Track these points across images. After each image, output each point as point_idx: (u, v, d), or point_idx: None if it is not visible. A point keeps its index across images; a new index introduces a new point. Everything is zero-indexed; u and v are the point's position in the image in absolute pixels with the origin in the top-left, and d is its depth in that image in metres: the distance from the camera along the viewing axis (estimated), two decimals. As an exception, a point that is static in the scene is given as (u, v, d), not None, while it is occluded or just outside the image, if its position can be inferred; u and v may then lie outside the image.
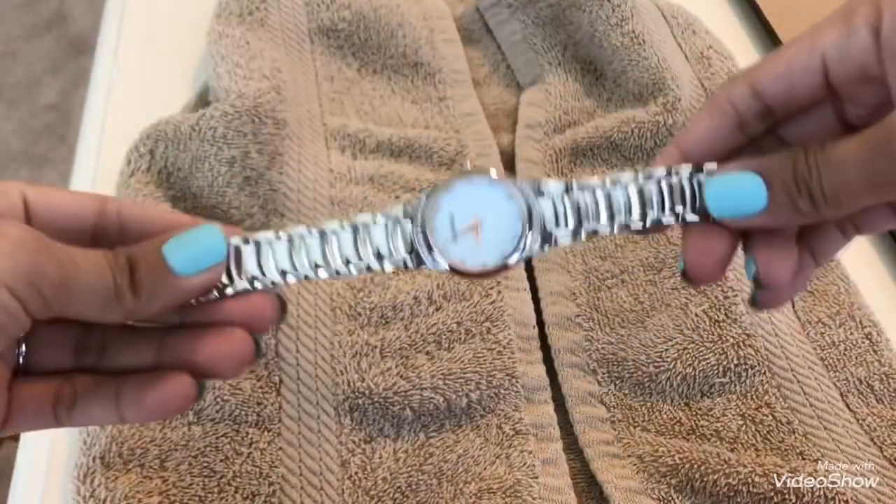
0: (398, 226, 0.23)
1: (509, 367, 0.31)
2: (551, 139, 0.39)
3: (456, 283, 0.33)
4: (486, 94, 0.43)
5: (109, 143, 0.40)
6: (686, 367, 0.32)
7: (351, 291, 0.33)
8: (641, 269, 0.35)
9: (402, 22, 0.42)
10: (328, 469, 0.29)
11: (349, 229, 0.23)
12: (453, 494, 0.29)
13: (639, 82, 0.39)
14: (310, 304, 0.33)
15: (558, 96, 0.40)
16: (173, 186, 0.35)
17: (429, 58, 0.41)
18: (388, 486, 0.29)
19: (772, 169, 0.21)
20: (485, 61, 0.44)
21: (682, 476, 0.29)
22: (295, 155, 0.37)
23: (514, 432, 0.30)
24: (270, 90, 0.36)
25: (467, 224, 0.22)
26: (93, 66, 0.44)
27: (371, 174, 0.37)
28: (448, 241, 0.22)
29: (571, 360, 0.32)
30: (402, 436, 0.30)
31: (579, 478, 0.31)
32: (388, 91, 0.41)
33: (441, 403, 0.30)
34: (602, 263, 0.35)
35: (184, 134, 0.35)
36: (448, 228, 0.22)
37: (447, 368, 0.31)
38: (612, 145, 0.38)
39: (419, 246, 0.22)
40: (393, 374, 0.30)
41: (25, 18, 1.49)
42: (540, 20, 0.43)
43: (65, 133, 1.34)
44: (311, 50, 0.41)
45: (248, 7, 0.40)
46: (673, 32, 0.42)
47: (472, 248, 0.22)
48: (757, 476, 0.29)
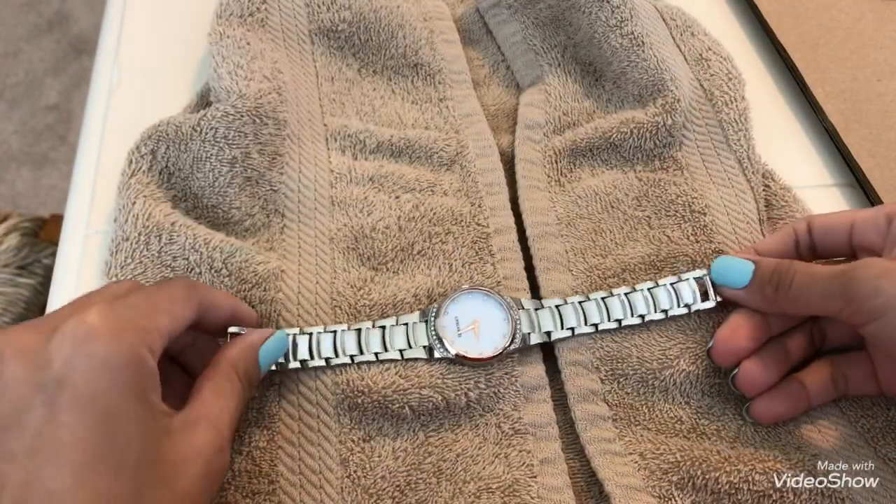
0: (416, 327, 0.31)
1: (508, 365, 0.31)
2: (551, 140, 0.39)
3: (456, 282, 0.33)
4: (486, 94, 0.43)
5: (110, 143, 0.40)
6: (688, 366, 0.32)
7: (351, 290, 0.33)
8: (643, 266, 0.35)
9: (402, 23, 0.42)
10: (327, 468, 0.29)
11: (378, 329, 0.31)
12: (452, 493, 0.29)
13: (638, 83, 0.39)
14: (310, 302, 0.33)
15: (558, 97, 0.40)
16: (174, 187, 0.35)
17: (429, 58, 0.42)
18: (388, 484, 0.29)
19: (763, 262, 0.31)
20: (485, 62, 0.44)
21: (684, 473, 0.29)
22: (295, 156, 0.37)
23: (513, 431, 0.30)
24: (271, 91, 0.36)
25: (468, 324, 0.31)
26: (94, 67, 0.44)
27: (371, 175, 0.37)
28: (454, 337, 0.31)
29: (574, 358, 0.32)
30: (401, 434, 0.30)
31: (578, 477, 0.31)
32: (388, 92, 0.41)
33: (440, 402, 0.30)
34: (603, 261, 0.35)
35: (185, 134, 0.35)
36: (454, 327, 0.31)
37: (446, 367, 0.31)
38: (611, 146, 0.39)
39: (433, 340, 0.30)
40: (392, 372, 0.30)
41: (26, 19, 1.49)
42: (539, 21, 0.43)
43: (66, 133, 1.34)
44: (312, 51, 0.41)
45: (249, 8, 0.40)
46: (672, 34, 0.43)
47: (473, 342, 0.31)
48: (757, 474, 0.29)
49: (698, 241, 0.36)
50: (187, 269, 0.33)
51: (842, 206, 0.40)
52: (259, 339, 0.29)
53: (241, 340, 0.28)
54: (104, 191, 0.38)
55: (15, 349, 0.20)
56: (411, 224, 0.35)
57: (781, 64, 0.46)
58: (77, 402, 0.20)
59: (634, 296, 0.33)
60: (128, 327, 0.21)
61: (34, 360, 0.20)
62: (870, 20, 0.46)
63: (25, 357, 0.20)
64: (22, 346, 0.20)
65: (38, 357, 0.20)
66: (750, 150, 0.38)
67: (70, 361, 0.20)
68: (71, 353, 0.20)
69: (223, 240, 0.33)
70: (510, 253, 0.35)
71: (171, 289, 0.26)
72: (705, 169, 0.38)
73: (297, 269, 0.34)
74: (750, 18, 0.48)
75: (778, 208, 0.37)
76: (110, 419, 0.20)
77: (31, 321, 0.22)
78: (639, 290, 0.33)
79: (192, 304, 0.26)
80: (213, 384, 0.26)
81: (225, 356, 0.27)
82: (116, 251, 0.33)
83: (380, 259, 0.34)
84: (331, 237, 0.35)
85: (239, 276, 0.32)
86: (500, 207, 0.36)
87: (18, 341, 0.21)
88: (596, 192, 0.37)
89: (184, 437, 0.23)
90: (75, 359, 0.20)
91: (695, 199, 0.37)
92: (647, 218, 0.37)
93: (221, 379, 0.26)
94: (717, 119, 0.40)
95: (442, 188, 0.37)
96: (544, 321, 0.32)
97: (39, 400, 0.20)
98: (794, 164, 0.41)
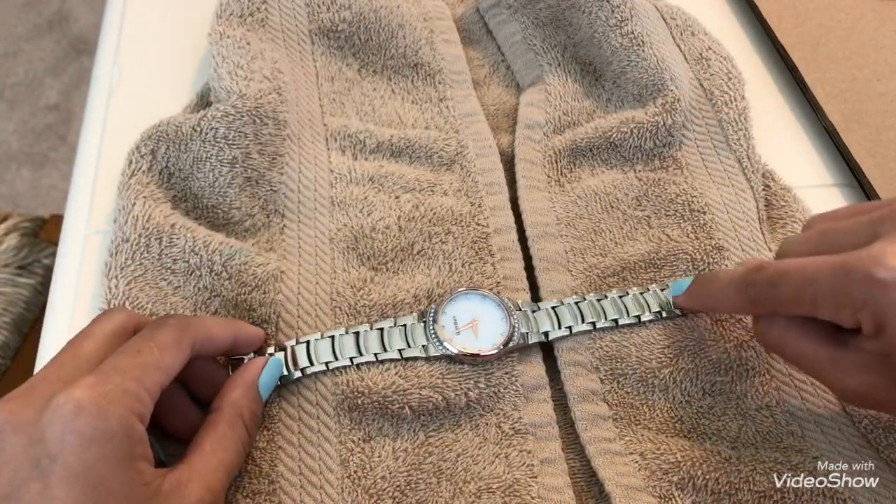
0: (414, 328, 0.31)
1: (508, 365, 0.31)
2: (551, 140, 0.39)
3: (456, 283, 0.33)
4: (486, 94, 0.43)
5: (110, 143, 0.40)
6: (687, 364, 0.32)
7: (351, 290, 0.33)
8: (643, 265, 0.35)
9: (402, 23, 0.42)
10: (328, 468, 0.29)
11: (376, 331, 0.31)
12: (452, 493, 0.29)
13: (638, 83, 0.39)
14: (310, 303, 0.33)
15: (558, 97, 0.40)
16: (174, 187, 0.35)
17: (429, 58, 0.42)
18: (388, 484, 0.29)
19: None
20: (485, 62, 0.44)
21: (684, 473, 0.29)
22: (295, 156, 0.37)
23: (514, 431, 0.30)
24: (271, 91, 0.36)
25: (466, 323, 0.31)
26: (94, 67, 0.44)
27: (371, 175, 0.37)
28: (453, 335, 0.31)
29: (573, 359, 0.32)
30: (401, 434, 0.30)
31: (578, 477, 0.31)
32: (388, 91, 0.41)
33: (440, 402, 0.30)
34: (602, 260, 0.35)
35: (185, 134, 0.35)
36: (452, 327, 0.31)
37: (446, 367, 0.31)
38: (611, 146, 0.39)
39: (431, 339, 0.31)
40: (392, 373, 0.30)
41: (27, 18, 1.49)
42: (539, 21, 0.43)
43: (66, 133, 1.34)
44: (312, 51, 0.41)
45: (249, 8, 0.40)
46: (672, 33, 0.43)
47: (471, 340, 0.31)
48: (758, 474, 0.29)
49: (698, 239, 0.36)
50: (187, 272, 0.33)
51: (842, 206, 0.40)
52: (257, 374, 0.29)
53: (241, 380, 0.29)
54: (104, 191, 0.38)
55: (13, 424, 0.22)
56: (411, 224, 0.35)
57: (781, 64, 0.46)
58: (68, 476, 0.22)
59: (627, 299, 0.33)
60: (115, 399, 0.23)
61: (30, 434, 0.22)
62: (870, 20, 0.46)
63: (23, 431, 0.22)
64: (18, 421, 0.22)
65: (33, 432, 0.22)
66: (750, 150, 0.38)
67: (61, 439, 0.22)
68: (62, 430, 0.22)
69: (223, 241, 0.33)
70: (510, 253, 0.35)
71: (161, 335, 0.26)
72: (705, 168, 0.38)
73: (297, 269, 0.34)
74: (750, 18, 0.48)
75: (778, 208, 0.37)
76: (100, 490, 0.22)
77: (23, 390, 0.24)
78: (631, 294, 0.33)
79: (183, 349, 0.26)
80: (216, 436, 0.26)
81: (229, 401, 0.28)
82: (116, 252, 0.33)
83: (380, 259, 0.34)
84: (331, 237, 0.35)
85: (239, 278, 0.32)
86: (500, 207, 0.36)
87: (15, 417, 0.22)
88: (596, 191, 0.37)
89: (173, 500, 0.24)
90: (66, 435, 0.22)
91: (694, 197, 0.37)
92: (647, 217, 0.37)
93: (225, 429, 0.27)
94: (717, 119, 0.40)
95: (442, 188, 0.37)
96: (541, 321, 0.32)
97: (35, 474, 0.22)
98: (794, 164, 0.41)
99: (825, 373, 0.27)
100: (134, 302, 0.32)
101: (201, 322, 0.28)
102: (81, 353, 0.25)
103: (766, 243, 0.36)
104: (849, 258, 0.24)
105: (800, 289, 0.25)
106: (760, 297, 0.27)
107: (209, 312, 0.32)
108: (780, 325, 0.28)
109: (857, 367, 0.25)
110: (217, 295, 0.32)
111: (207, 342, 0.28)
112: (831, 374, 0.26)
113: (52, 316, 0.34)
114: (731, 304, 0.30)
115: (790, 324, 0.27)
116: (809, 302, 0.25)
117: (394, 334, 0.31)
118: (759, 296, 0.27)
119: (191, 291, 0.32)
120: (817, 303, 0.25)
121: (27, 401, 0.23)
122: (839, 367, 0.26)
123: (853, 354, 0.26)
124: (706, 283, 0.31)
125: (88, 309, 0.34)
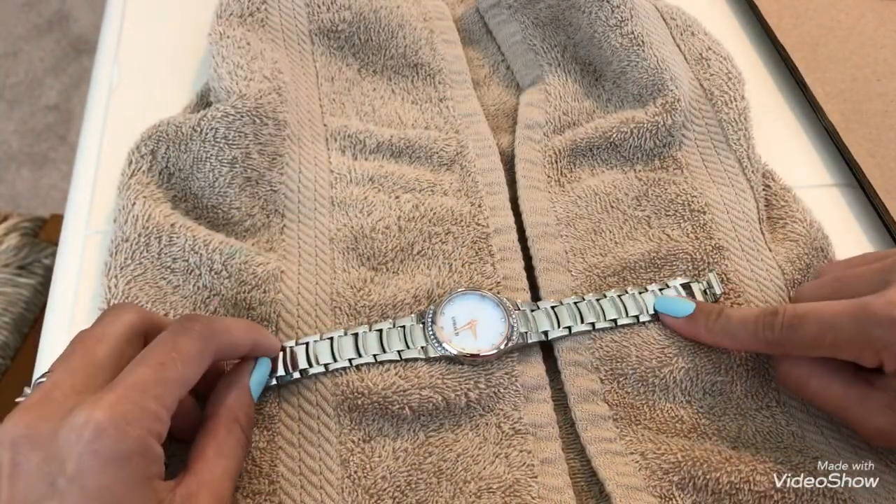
0: (413, 329, 0.31)
1: (508, 365, 0.31)
2: (551, 140, 0.39)
3: (456, 283, 0.33)
4: (486, 94, 0.43)
5: (110, 143, 0.40)
6: (687, 363, 0.32)
7: (351, 290, 0.33)
8: (643, 264, 0.35)
9: (402, 23, 0.42)
10: (328, 468, 0.29)
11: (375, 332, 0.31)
12: (453, 493, 0.29)
13: (638, 83, 0.39)
14: (310, 303, 0.33)
15: (558, 97, 0.40)
16: (174, 187, 0.35)
17: (429, 58, 0.42)
18: (388, 484, 0.29)
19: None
20: (485, 62, 0.44)
21: (685, 473, 0.29)
22: (295, 156, 0.37)
23: (514, 431, 0.30)
24: (271, 91, 0.36)
25: (465, 323, 0.31)
26: (94, 67, 0.44)
27: (371, 175, 0.37)
28: (452, 336, 0.31)
29: (574, 359, 0.32)
30: (401, 435, 0.30)
31: (578, 477, 0.31)
32: (388, 92, 0.41)
33: (440, 402, 0.30)
34: (602, 260, 0.35)
35: (185, 135, 0.35)
36: (451, 327, 0.31)
37: (446, 368, 0.31)
38: (611, 146, 0.39)
39: (430, 340, 0.31)
40: (392, 373, 0.30)
41: (27, 18, 1.49)
42: (539, 21, 0.43)
43: (66, 133, 1.34)
44: (312, 51, 0.41)
45: (249, 8, 0.40)
46: (672, 34, 0.43)
47: (470, 341, 0.31)
48: (758, 474, 0.29)
49: (698, 238, 0.36)
50: (187, 271, 0.33)
51: (842, 205, 0.40)
52: (248, 375, 0.29)
53: (235, 384, 0.28)
54: (104, 191, 0.38)
55: (30, 439, 0.22)
56: (411, 224, 0.35)
57: (781, 64, 0.46)
58: (84, 498, 0.22)
59: (626, 298, 0.33)
60: (135, 420, 0.23)
61: (47, 450, 0.22)
62: (870, 20, 0.46)
63: (40, 447, 0.22)
64: (35, 436, 0.22)
65: (50, 447, 0.22)
66: (750, 150, 0.38)
67: (79, 459, 0.22)
68: (80, 450, 0.22)
69: (223, 241, 0.33)
70: (510, 253, 0.35)
71: (186, 345, 0.25)
72: (705, 168, 0.38)
73: (297, 269, 0.34)
74: (750, 18, 0.48)
75: (778, 208, 0.37)
76: None
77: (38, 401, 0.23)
78: (630, 294, 0.33)
79: (205, 359, 0.26)
80: (217, 443, 0.26)
81: (225, 406, 0.27)
82: (116, 252, 0.33)
83: (380, 259, 0.34)
84: (331, 237, 0.35)
85: (239, 277, 0.32)
86: (500, 207, 0.36)
87: (32, 431, 0.22)
88: (596, 191, 0.37)
89: None
90: (84, 456, 0.22)
91: (694, 197, 0.37)
92: (647, 217, 0.37)
93: (224, 435, 0.27)
94: (717, 119, 0.40)
95: (442, 188, 0.37)
96: (540, 321, 0.32)
97: (50, 492, 0.22)
98: (794, 164, 0.41)
99: (852, 412, 0.28)
100: (133, 301, 0.32)
101: (225, 328, 0.28)
102: (94, 360, 0.24)
103: (766, 243, 0.36)
104: (869, 302, 0.26)
105: (820, 332, 0.27)
106: (777, 340, 0.29)
107: (209, 311, 0.32)
108: (803, 366, 0.29)
109: (884, 405, 0.27)
110: (217, 294, 0.32)
111: (229, 349, 0.28)
112: (860, 414, 0.28)
113: (52, 316, 0.34)
114: (741, 344, 0.31)
115: (814, 365, 0.29)
116: (830, 344, 0.27)
117: (392, 336, 0.31)
118: (776, 339, 0.29)
119: (190, 290, 0.32)
120: (838, 344, 0.27)
121: (44, 414, 0.23)
122: (867, 407, 0.28)
123: (879, 393, 0.27)
124: (711, 317, 0.31)
125: (88, 309, 0.34)
